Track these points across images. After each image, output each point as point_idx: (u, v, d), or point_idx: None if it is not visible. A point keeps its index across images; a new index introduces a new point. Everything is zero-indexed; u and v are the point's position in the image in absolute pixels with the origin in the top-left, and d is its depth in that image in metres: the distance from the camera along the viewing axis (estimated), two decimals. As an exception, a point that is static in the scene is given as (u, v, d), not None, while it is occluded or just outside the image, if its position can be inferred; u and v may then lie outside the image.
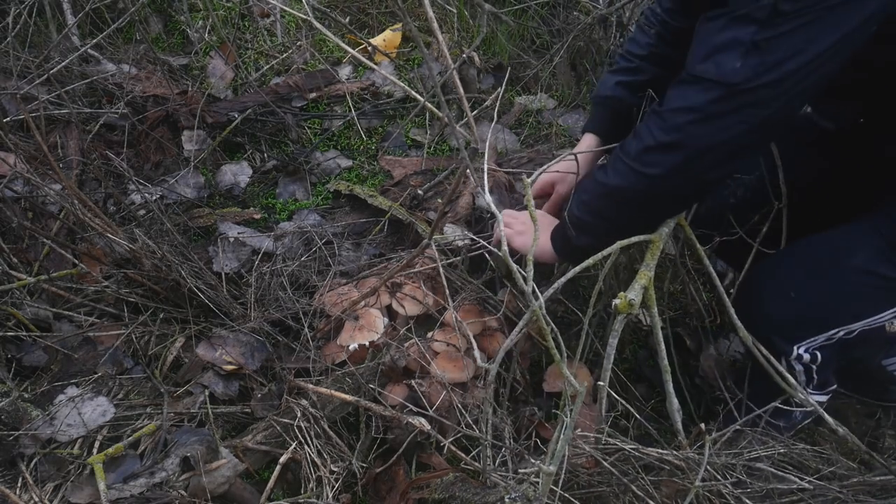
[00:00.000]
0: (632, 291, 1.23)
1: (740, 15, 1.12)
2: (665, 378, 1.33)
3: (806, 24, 1.08)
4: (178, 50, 2.61)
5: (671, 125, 1.20)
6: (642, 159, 1.24)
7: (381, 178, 2.35)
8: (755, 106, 1.15)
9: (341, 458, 1.49)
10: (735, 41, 1.12)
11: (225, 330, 1.70)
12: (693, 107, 1.17)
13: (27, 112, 1.57)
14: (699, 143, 1.19)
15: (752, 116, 1.16)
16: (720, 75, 1.13)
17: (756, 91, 1.13)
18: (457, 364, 1.60)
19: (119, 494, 1.34)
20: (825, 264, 1.43)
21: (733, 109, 1.15)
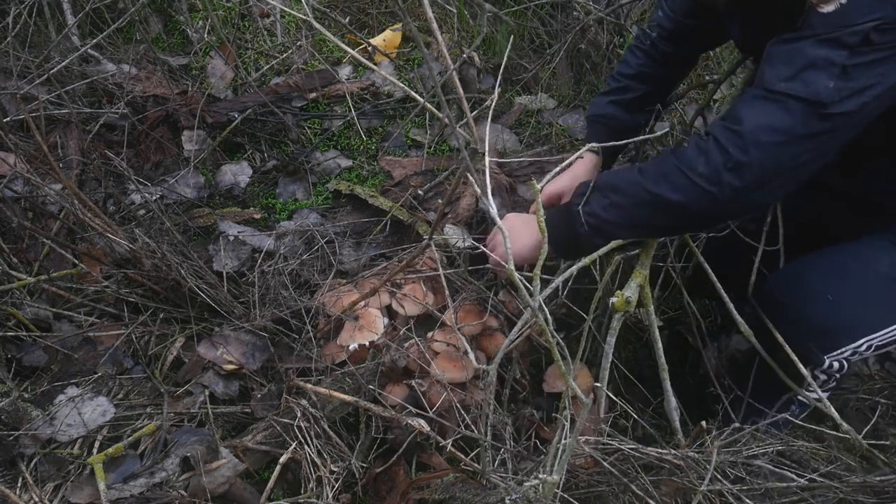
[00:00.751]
0: (628, 290, 1.23)
1: (831, 38, 1.12)
2: (662, 377, 1.33)
3: (888, 58, 1.11)
4: (178, 50, 2.61)
5: (753, 143, 1.17)
6: (714, 178, 1.20)
7: (381, 178, 2.35)
8: (830, 133, 1.16)
9: (341, 458, 1.49)
10: (828, 61, 1.12)
11: (227, 329, 1.70)
12: (778, 127, 1.16)
13: (27, 112, 1.57)
14: (779, 165, 1.17)
15: (825, 144, 1.18)
16: (811, 94, 1.13)
17: (836, 118, 1.14)
18: (457, 364, 1.60)
19: (119, 494, 1.34)
20: (856, 270, 1.42)
21: (815, 133, 1.16)
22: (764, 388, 1.60)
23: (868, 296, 1.40)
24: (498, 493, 1.27)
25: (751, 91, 1.21)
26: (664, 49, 1.67)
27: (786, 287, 1.47)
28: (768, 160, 1.17)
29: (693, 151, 1.24)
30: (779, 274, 1.52)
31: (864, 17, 1.09)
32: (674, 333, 2.06)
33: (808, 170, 1.21)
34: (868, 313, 1.39)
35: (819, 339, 1.41)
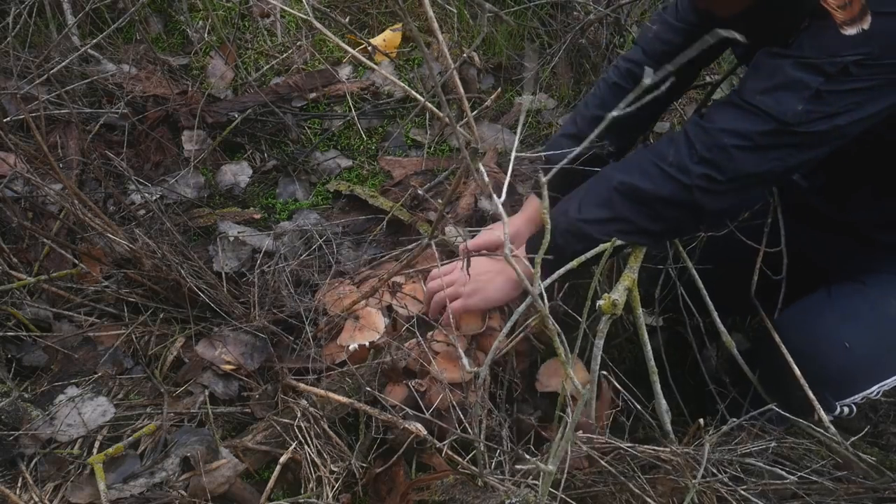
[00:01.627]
0: (616, 292, 1.24)
1: (811, 63, 1.16)
2: (652, 379, 1.33)
3: (866, 89, 1.15)
4: (178, 50, 2.61)
5: (717, 143, 1.23)
6: (682, 166, 1.26)
7: (381, 178, 2.35)
8: (798, 147, 1.21)
9: (341, 458, 1.49)
10: (802, 84, 1.16)
11: (227, 329, 1.70)
12: (742, 132, 1.21)
13: (27, 112, 1.57)
14: (738, 168, 1.23)
15: (792, 156, 1.23)
16: (779, 112, 1.18)
17: (804, 136, 1.19)
18: (457, 364, 1.60)
19: (119, 494, 1.34)
20: (868, 314, 1.42)
21: (779, 145, 1.21)
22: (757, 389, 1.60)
23: (882, 341, 1.40)
24: (498, 496, 1.28)
25: (729, 96, 1.27)
26: None
27: (798, 332, 1.44)
28: (728, 162, 1.22)
29: (664, 142, 1.31)
30: (787, 317, 1.50)
31: (849, 49, 1.12)
32: (674, 333, 2.06)
33: (775, 176, 1.27)
34: (883, 359, 1.40)
35: (834, 386, 1.41)
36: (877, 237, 1.50)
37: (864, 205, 1.49)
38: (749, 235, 1.56)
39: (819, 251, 1.59)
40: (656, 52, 1.59)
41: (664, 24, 1.59)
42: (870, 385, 1.40)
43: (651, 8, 2.84)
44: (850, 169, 1.47)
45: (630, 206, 1.32)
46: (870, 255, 1.51)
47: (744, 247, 1.56)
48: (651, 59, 1.60)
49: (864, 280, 1.47)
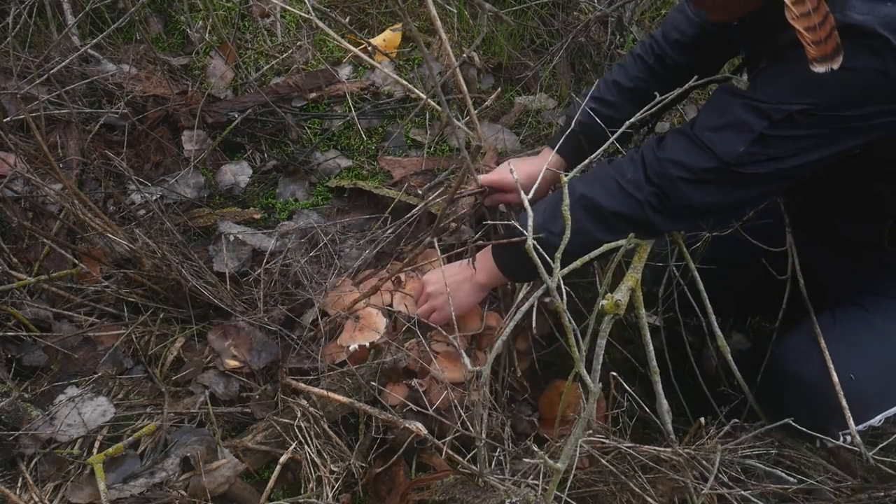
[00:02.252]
0: (618, 293, 1.24)
1: (759, 106, 1.19)
2: (654, 379, 1.33)
3: (810, 136, 1.18)
4: (178, 50, 2.61)
5: (664, 172, 1.28)
6: (638, 185, 1.31)
7: (381, 178, 2.35)
8: (741, 185, 1.25)
9: (341, 458, 1.49)
10: (746, 126, 1.19)
11: (244, 322, 1.70)
12: (687, 165, 1.26)
13: (27, 112, 1.57)
14: (682, 198, 1.28)
15: (734, 193, 1.28)
16: (721, 152, 1.22)
17: (745, 175, 1.23)
18: (457, 363, 1.60)
19: (119, 494, 1.34)
20: (873, 344, 1.42)
21: (721, 181, 1.25)
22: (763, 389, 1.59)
23: (886, 372, 1.39)
24: (498, 496, 1.28)
25: (683, 126, 1.31)
26: (672, 60, 1.62)
27: (802, 360, 1.43)
28: (673, 191, 1.28)
29: (626, 160, 1.36)
30: (788, 346, 1.49)
31: (796, 98, 1.15)
32: (674, 333, 2.06)
33: (719, 209, 1.32)
34: (887, 390, 1.39)
35: (837, 417, 1.39)
36: (869, 257, 1.49)
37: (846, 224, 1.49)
38: (753, 238, 1.55)
39: (819, 263, 1.58)
40: (671, 40, 1.62)
41: (682, 14, 1.62)
42: (874, 415, 1.39)
43: (651, 8, 2.85)
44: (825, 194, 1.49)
45: (591, 220, 1.36)
46: (868, 273, 1.50)
47: (747, 249, 1.55)
48: (668, 45, 1.63)
49: (868, 306, 1.46)
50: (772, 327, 1.64)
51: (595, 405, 1.30)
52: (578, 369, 1.07)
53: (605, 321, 1.26)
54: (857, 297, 1.49)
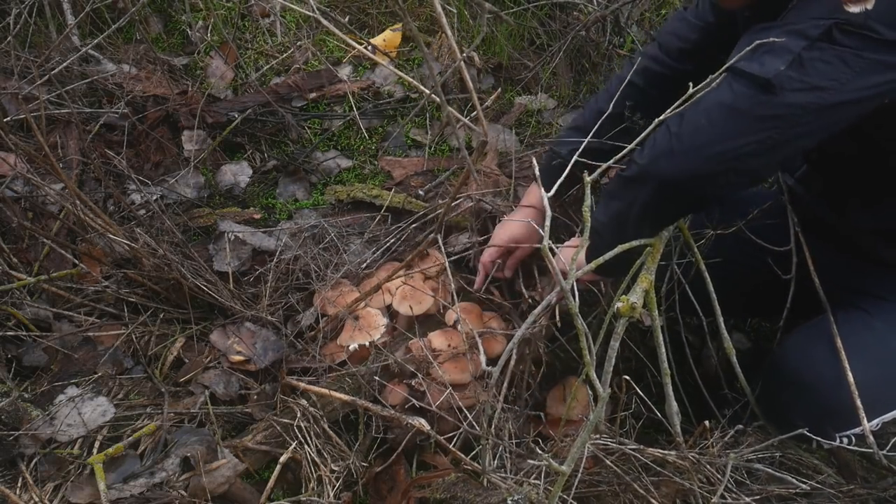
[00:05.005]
0: (633, 294, 1.23)
1: (795, 29, 1.14)
2: (665, 381, 1.32)
3: (848, 63, 1.11)
4: (178, 50, 2.61)
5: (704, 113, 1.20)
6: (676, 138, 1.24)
7: (381, 178, 2.35)
8: (777, 120, 1.16)
9: (342, 458, 1.49)
10: (786, 49, 1.14)
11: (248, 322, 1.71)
12: (726, 102, 1.18)
13: (27, 112, 1.57)
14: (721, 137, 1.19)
15: (771, 135, 1.17)
16: (762, 72, 1.14)
17: (785, 107, 1.14)
18: (459, 366, 1.59)
19: (119, 494, 1.34)
20: (872, 347, 1.40)
21: (763, 116, 1.16)
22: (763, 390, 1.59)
23: (885, 376, 1.38)
24: (500, 494, 1.27)
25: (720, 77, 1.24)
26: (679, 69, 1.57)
27: (801, 361, 1.42)
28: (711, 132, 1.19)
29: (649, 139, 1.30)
30: (789, 347, 1.48)
31: (831, 13, 1.10)
32: (674, 333, 2.05)
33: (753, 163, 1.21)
34: (885, 394, 1.38)
35: (835, 419, 1.39)
36: (878, 251, 1.47)
37: (862, 209, 1.47)
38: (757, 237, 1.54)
39: (823, 265, 1.56)
40: (672, 50, 1.58)
41: (683, 21, 1.59)
42: (871, 418, 1.37)
43: (651, 8, 2.85)
44: (846, 172, 1.45)
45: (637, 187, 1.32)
46: (873, 275, 1.49)
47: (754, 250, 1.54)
48: (668, 55, 1.59)
49: (870, 310, 1.45)
50: (773, 327, 1.63)
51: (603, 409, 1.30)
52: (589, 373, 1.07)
53: (620, 324, 1.25)
54: (858, 299, 1.48)
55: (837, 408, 1.37)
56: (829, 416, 1.38)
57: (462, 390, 1.56)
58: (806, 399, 1.41)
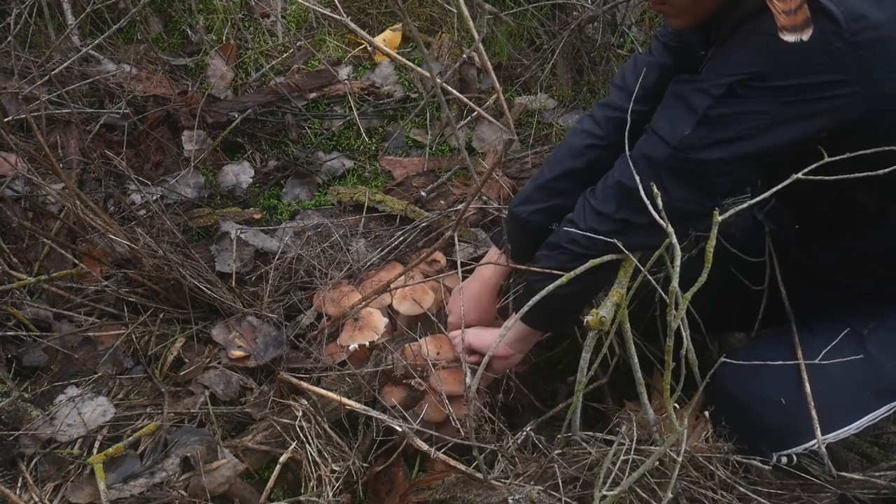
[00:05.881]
0: (603, 308, 1.24)
1: (702, 86, 1.17)
2: (640, 391, 1.33)
3: (754, 114, 1.13)
4: (178, 50, 2.61)
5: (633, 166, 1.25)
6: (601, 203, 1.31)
7: (382, 178, 2.35)
8: (697, 174, 1.21)
9: (342, 458, 1.49)
10: (691, 108, 1.18)
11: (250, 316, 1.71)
12: (650, 157, 1.24)
13: (28, 112, 1.57)
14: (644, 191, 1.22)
15: (694, 185, 1.22)
16: (670, 137, 1.20)
17: (698, 163, 1.19)
18: (457, 377, 1.58)
19: (119, 494, 1.34)
20: (811, 370, 1.38)
21: (678, 171, 1.21)
22: None
23: (821, 397, 1.36)
24: (500, 494, 1.27)
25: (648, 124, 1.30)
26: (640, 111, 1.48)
27: (737, 383, 1.42)
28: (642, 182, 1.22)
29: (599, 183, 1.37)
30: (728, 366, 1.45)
31: (733, 69, 1.12)
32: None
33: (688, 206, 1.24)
34: (822, 414, 1.35)
35: (768, 439, 1.39)
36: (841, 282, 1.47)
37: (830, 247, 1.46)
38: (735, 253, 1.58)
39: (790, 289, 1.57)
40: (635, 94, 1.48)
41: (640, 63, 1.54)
42: (809, 439, 1.36)
43: (650, 8, 2.85)
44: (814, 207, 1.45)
45: None
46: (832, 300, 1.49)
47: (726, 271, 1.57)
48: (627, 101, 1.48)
49: (815, 329, 1.44)
50: None
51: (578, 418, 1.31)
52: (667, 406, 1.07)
53: (590, 336, 1.27)
54: (807, 318, 1.48)
55: (769, 429, 1.38)
56: (762, 437, 1.39)
57: (459, 401, 1.55)
58: (740, 418, 1.41)
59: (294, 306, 1.83)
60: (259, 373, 1.70)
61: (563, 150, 1.59)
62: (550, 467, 1.34)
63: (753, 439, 1.40)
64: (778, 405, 1.36)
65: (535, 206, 1.56)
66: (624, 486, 1.15)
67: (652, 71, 1.52)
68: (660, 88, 1.48)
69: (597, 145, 1.53)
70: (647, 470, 1.17)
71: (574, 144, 1.57)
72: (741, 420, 1.41)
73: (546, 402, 1.83)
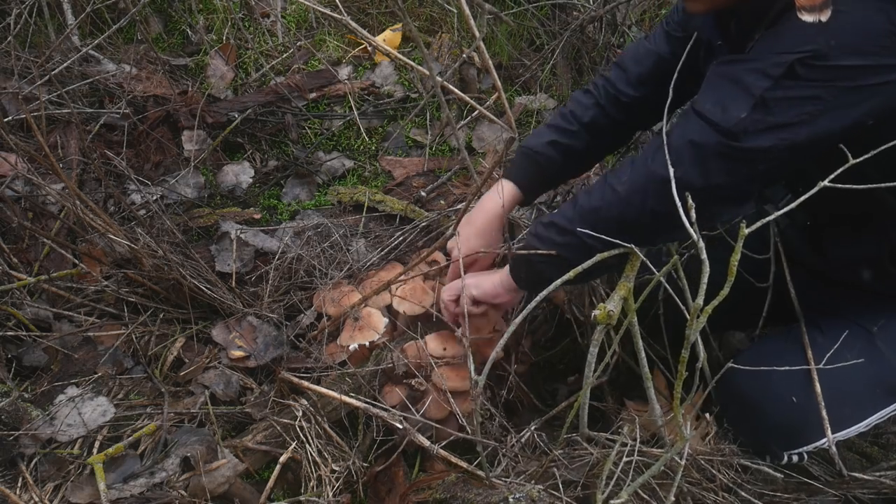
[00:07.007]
0: (611, 302, 1.24)
1: (758, 68, 1.11)
2: (646, 385, 1.33)
3: (813, 98, 1.08)
4: (178, 50, 2.61)
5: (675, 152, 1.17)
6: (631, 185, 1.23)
7: (382, 178, 2.35)
8: (744, 162, 1.14)
9: (342, 458, 1.49)
10: (747, 90, 1.11)
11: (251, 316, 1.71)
12: (697, 142, 1.16)
13: (28, 112, 1.57)
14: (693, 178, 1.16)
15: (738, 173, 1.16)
16: (722, 120, 1.13)
17: (748, 151, 1.12)
18: (459, 373, 1.58)
19: (119, 494, 1.34)
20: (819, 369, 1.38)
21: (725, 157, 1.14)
22: None
23: (831, 395, 1.35)
24: (500, 493, 1.27)
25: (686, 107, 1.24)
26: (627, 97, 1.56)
27: (748, 380, 1.40)
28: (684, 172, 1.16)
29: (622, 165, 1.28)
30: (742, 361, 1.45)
31: (795, 47, 1.07)
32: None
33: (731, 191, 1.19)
34: (833, 413, 1.35)
35: (779, 438, 1.39)
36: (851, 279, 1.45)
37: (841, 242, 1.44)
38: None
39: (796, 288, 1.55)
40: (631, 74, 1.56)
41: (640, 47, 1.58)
42: (819, 437, 1.35)
43: (650, 8, 2.85)
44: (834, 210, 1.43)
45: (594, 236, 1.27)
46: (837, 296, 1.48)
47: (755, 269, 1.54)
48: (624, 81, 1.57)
49: (823, 327, 1.43)
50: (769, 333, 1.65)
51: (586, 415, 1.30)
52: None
53: (598, 331, 1.27)
54: (815, 317, 1.47)
55: (781, 427, 1.38)
56: (773, 435, 1.39)
57: (462, 397, 1.55)
58: (749, 417, 1.41)
59: (294, 306, 1.83)
60: (259, 373, 1.70)
61: (571, 102, 1.64)
62: (552, 466, 1.34)
63: (763, 439, 1.39)
64: (789, 403, 1.36)
65: (548, 139, 1.58)
66: (628, 491, 1.15)
67: (648, 58, 1.53)
68: (653, 77, 1.53)
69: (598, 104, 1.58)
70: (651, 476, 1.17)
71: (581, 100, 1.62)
72: (750, 419, 1.40)
73: (546, 401, 1.83)
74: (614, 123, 1.59)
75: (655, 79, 1.52)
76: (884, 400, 1.37)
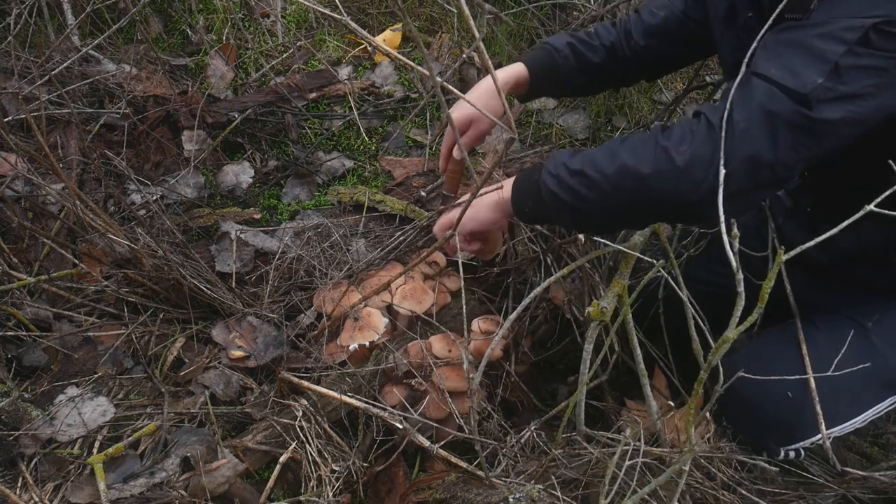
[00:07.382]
0: (605, 299, 1.24)
1: (830, 31, 1.05)
2: (643, 382, 1.33)
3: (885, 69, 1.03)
4: (178, 50, 2.61)
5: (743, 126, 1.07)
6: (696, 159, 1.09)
7: (382, 178, 2.35)
8: (810, 134, 1.06)
9: (342, 458, 1.49)
10: (822, 56, 1.04)
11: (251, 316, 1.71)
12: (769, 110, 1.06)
13: (27, 112, 1.57)
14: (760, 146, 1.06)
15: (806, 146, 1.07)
16: (798, 85, 1.04)
17: (818, 122, 1.05)
18: (459, 373, 1.59)
19: (119, 494, 1.34)
20: (815, 365, 1.37)
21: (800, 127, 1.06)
22: None
23: (827, 392, 1.35)
24: (500, 493, 1.27)
25: (743, 75, 1.12)
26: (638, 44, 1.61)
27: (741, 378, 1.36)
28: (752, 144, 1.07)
29: (679, 131, 1.13)
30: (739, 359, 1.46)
31: (866, 11, 1.01)
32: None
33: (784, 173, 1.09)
34: (828, 409, 1.35)
35: (776, 434, 1.39)
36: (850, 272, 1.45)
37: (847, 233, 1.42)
38: None
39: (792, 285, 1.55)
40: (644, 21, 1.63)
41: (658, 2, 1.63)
42: (815, 433, 1.35)
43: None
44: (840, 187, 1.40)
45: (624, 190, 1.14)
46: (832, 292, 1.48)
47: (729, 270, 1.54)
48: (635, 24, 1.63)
49: (818, 323, 1.43)
50: None
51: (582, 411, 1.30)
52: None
53: (591, 328, 1.27)
54: (810, 312, 1.48)
55: (777, 423, 1.38)
56: (770, 431, 1.39)
57: (463, 397, 1.56)
58: (745, 414, 1.41)
59: (294, 306, 1.83)
60: (259, 373, 1.70)
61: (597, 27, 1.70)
62: (551, 466, 1.34)
63: (760, 435, 1.40)
64: (785, 399, 1.36)
65: (569, 41, 1.63)
66: (634, 500, 1.14)
67: (661, 11, 1.57)
68: (660, 31, 1.59)
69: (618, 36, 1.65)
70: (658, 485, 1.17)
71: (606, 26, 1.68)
72: (748, 416, 1.41)
73: (546, 401, 1.83)
74: (626, 60, 1.63)
75: (662, 34, 1.57)
76: (879, 395, 1.38)
